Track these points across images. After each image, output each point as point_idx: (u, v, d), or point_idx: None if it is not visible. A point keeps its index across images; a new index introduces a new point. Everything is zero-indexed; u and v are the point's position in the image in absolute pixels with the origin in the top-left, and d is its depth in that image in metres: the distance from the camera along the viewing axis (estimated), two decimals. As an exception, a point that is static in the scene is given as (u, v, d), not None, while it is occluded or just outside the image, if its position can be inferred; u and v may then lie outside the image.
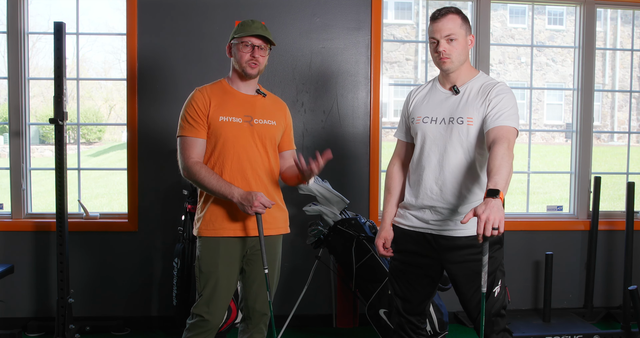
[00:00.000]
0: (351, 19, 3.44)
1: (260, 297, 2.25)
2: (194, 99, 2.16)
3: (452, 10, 2.07)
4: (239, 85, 2.22)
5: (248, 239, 2.19)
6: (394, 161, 2.32)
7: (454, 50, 2.05)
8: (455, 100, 2.09)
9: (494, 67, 16.32)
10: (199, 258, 2.19)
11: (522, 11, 16.57)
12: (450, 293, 3.52)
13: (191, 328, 2.19)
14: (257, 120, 2.19)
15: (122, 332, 3.35)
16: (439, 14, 2.06)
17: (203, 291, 2.16)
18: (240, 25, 2.17)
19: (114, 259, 3.41)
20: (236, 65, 2.18)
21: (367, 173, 3.50)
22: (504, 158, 1.82)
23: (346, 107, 3.48)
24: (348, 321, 3.44)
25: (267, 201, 2.04)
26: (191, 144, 2.13)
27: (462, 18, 2.07)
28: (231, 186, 2.06)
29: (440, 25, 2.04)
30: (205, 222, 2.16)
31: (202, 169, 2.09)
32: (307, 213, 3.14)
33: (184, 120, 2.16)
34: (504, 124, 1.96)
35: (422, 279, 2.17)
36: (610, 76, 17.03)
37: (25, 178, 3.42)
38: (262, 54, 2.17)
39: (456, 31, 2.04)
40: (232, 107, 2.16)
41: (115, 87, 15.93)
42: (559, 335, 3.21)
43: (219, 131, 2.13)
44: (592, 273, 3.57)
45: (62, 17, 3.62)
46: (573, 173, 3.78)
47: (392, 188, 2.29)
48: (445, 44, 2.04)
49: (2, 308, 3.36)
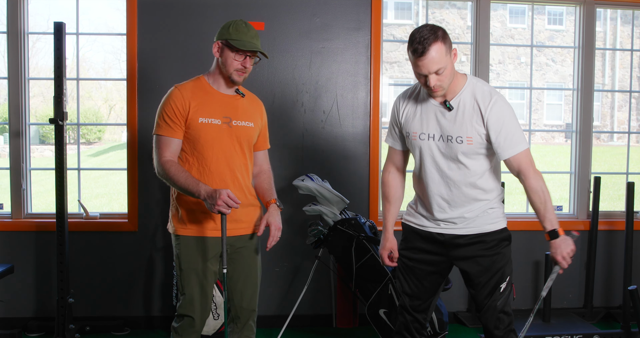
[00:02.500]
0: (351, 19, 3.44)
1: (246, 294, 2.25)
2: (172, 98, 2.11)
3: (433, 39, 1.88)
4: (220, 85, 2.18)
5: (227, 239, 2.16)
6: (388, 167, 2.27)
7: (445, 78, 1.94)
8: (450, 116, 2.03)
9: (494, 67, 16.32)
10: (178, 257, 2.17)
11: (522, 11, 16.58)
12: (450, 293, 3.53)
13: (181, 331, 2.18)
14: (236, 122, 2.17)
15: (122, 332, 3.35)
16: (422, 48, 1.87)
17: (185, 290, 2.16)
18: (234, 28, 2.10)
19: (114, 259, 3.41)
20: (223, 68, 2.13)
21: (367, 173, 3.50)
22: (544, 191, 2.00)
23: (346, 107, 3.48)
24: (348, 321, 3.44)
25: (231, 200, 1.95)
26: (166, 144, 2.11)
27: (443, 41, 1.90)
28: (198, 183, 2.02)
29: (426, 61, 1.88)
30: (181, 220, 2.16)
31: (172, 167, 2.07)
32: (307, 213, 3.14)
33: (161, 118, 2.12)
34: (519, 152, 1.99)
35: (431, 275, 2.19)
36: (610, 76, 17.04)
37: (25, 178, 3.42)
38: (251, 62, 2.14)
39: (442, 61, 1.90)
40: (211, 108, 2.14)
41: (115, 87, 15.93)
42: (559, 335, 3.21)
43: (199, 133, 2.11)
44: (592, 273, 3.57)
45: (62, 17, 3.62)
46: (573, 173, 3.79)
47: (390, 196, 2.26)
48: (435, 79, 1.93)
49: (2, 308, 3.36)
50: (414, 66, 1.95)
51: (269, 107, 3.40)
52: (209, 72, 2.22)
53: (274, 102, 3.42)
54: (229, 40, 2.09)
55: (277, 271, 3.49)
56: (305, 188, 3.09)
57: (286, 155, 3.45)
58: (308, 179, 3.12)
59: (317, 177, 3.17)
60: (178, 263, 2.18)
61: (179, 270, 2.18)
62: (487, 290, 2.11)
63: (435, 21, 15.86)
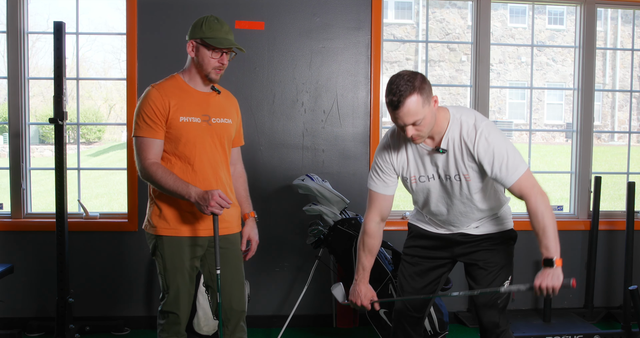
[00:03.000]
0: (351, 19, 3.44)
1: (234, 295, 2.24)
2: (151, 98, 2.08)
3: (409, 91, 1.83)
4: (196, 82, 2.16)
5: (210, 238, 2.18)
6: (373, 217, 2.12)
7: (423, 128, 1.90)
8: (442, 157, 2.02)
9: (494, 67, 16.31)
10: (162, 257, 2.16)
11: (522, 11, 16.57)
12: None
13: (166, 328, 2.20)
14: (215, 119, 2.17)
15: (122, 332, 3.35)
16: (397, 100, 1.83)
17: (170, 289, 2.17)
18: (207, 26, 2.07)
19: (114, 259, 3.41)
20: (200, 67, 2.11)
21: (367, 173, 3.48)
22: (544, 216, 1.93)
23: (346, 107, 3.47)
24: (348, 321, 3.44)
25: (223, 200, 1.98)
26: (148, 145, 2.08)
27: (419, 92, 1.84)
28: (188, 185, 2.01)
29: (402, 114, 1.85)
30: (163, 220, 2.14)
31: (159, 170, 2.04)
32: (307, 213, 3.14)
33: (140, 119, 2.08)
34: (518, 177, 1.95)
35: (432, 271, 2.22)
36: (610, 76, 17.02)
37: (25, 178, 3.42)
38: (228, 58, 2.13)
39: (419, 113, 1.85)
40: (190, 107, 2.12)
41: (115, 87, 15.92)
42: (559, 335, 3.21)
43: (180, 132, 2.09)
44: (593, 273, 3.57)
45: (61, 16, 3.62)
46: (573, 172, 3.78)
47: (373, 247, 2.14)
48: (412, 130, 1.89)
49: (2, 308, 3.36)
50: (390, 115, 1.91)
51: (269, 107, 3.43)
52: (183, 70, 2.19)
53: (274, 102, 3.42)
54: (204, 39, 2.07)
55: (277, 271, 3.49)
56: (305, 188, 3.09)
57: (286, 155, 3.45)
58: (308, 179, 3.11)
59: (317, 177, 3.17)
60: (162, 263, 2.17)
61: (162, 270, 2.18)
62: (489, 284, 2.13)
63: (435, 21, 15.87)
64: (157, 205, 2.16)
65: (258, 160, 3.42)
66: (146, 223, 2.21)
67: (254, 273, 3.40)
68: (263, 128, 3.43)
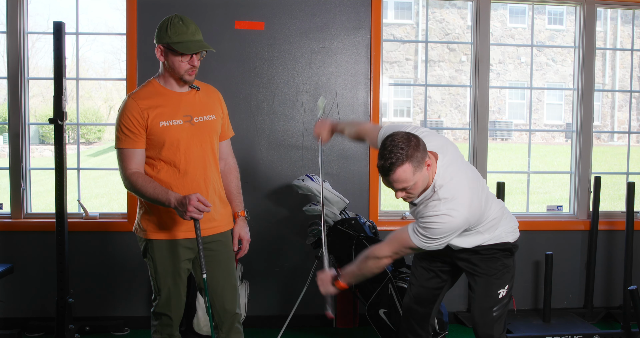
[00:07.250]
0: (351, 19, 3.44)
1: (227, 297, 2.24)
2: (128, 109, 2.06)
3: (400, 160, 1.83)
4: (173, 84, 2.14)
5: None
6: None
7: (413, 191, 1.93)
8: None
9: (494, 67, 16.31)
10: (152, 260, 2.17)
11: (522, 11, 16.57)
12: (450, 293, 3.51)
13: (160, 329, 2.22)
14: (197, 118, 2.15)
15: (122, 332, 3.35)
16: (387, 167, 1.84)
17: (162, 292, 2.18)
18: (172, 30, 2.03)
19: (114, 259, 3.41)
20: (172, 71, 2.10)
21: (367, 173, 3.49)
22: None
23: (346, 107, 3.47)
24: (348, 321, 3.44)
25: (201, 204, 1.93)
26: (129, 156, 2.07)
27: (410, 161, 1.84)
28: (167, 192, 1.99)
29: (391, 180, 1.88)
30: (152, 224, 2.15)
31: (139, 179, 2.03)
32: (307, 213, 3.14)
33: (120, 131, 2.07)
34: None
35: (432, 279, 2.30)
36: (610, 76, 17.03)
37: (25, 178, 3.42)
38: (198, 58, 2.10)
39: (410, 181, 1.86)
40: (170, 110, 2.10)
41: (115, 87, 15.91)
42: (559, 335, 3.21)
43: (162, 137, 2.08)
44: (592, 273, 3.57)
45: (61, 16, 3.61)
46: (573, 173, 3.78)
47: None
48: (402, 193, 1.93)
49: (2, 308, 3.36)
50: (381, 178, 1.93)
51: (268, 107, 3.43)
52: (158, 74, 2.17)
53: (274, 102, 3.42)
54: (170, 44, 2.03)
55: (277, 271, 3.49)
56: (305, 188, 3.09)
57: (286, 155, 3.45)
58: (308, 179, 3.11)
59: (317, 177, 3.17)
60: (153, 265, 2.18)
61: (154, 272, 2.19)
62: (484, 288, 2.15)
63: (435, 21, 15.86)
64: (147, 209, 2.17)
65: (258, 160, 3.42)
66: (136, 227, 2.22)
67: (254, 273, 3.40)
68: (263, 128, 3.43)
